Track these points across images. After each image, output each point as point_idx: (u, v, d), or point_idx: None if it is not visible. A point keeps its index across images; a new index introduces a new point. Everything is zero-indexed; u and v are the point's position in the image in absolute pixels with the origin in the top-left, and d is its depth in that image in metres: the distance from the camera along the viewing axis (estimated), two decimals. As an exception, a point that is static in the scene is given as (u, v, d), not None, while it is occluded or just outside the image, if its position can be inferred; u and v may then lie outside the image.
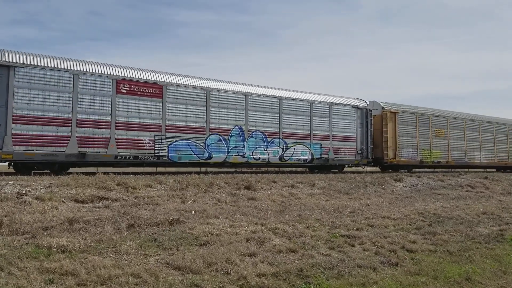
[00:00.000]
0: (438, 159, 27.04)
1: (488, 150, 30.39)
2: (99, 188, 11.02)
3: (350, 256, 7.73)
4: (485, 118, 31.11)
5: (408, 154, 25.37)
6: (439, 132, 27.32)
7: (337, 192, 14.83)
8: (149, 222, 8.33)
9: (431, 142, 26.74)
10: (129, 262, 6.26)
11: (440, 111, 28.31)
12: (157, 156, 17.04)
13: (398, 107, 25.47)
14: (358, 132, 23.29)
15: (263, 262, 6.94)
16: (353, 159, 23.04)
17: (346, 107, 22.98)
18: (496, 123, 31.40)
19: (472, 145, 29.34)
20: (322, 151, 21.75)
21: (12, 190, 9.98)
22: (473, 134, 29.50)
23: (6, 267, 5.50)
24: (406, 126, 25.54)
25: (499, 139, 31.38)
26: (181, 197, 11.27)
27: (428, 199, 15.17)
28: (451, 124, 28.17)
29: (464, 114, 29.99)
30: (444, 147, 27.52)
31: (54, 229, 7.33)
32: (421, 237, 9.55)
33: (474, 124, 29.78)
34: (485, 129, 30.44)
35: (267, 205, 11.41)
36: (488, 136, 30.55)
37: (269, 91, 20.37)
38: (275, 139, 20.27)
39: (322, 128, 21.89)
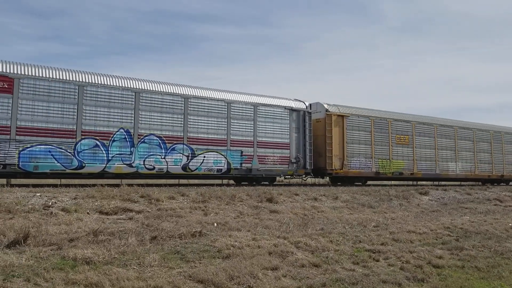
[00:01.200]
0: (400, 170, 23.62)
1: (466, 161, 27.06)
2: (123, 200, 11.16)
3: (375, 271, 7.59)
4: (463, 124, 27.92)
5: (360, 164, 22.05)
6: (402, 139, 24.03)
7: (361, 206, 14.65)
8: (172, 234, 8.37)
9: (391, 151, 23.37)
10: (152, 275, 6.29)
11: (403, 115, 25.03)
12: (2, 165, 13.88)
13: (347, 109, 22.35)
14: (293, 137, 20.10)
15: (285, 276, 6.88)
16: (286, 169, 19.71)
17: (277, 108, 19.79)
18: (476, 130, 28.11)
19: (446, 154, 26.02)
20: (243, 160, 18.51)
21: (39, 201, 10.18)
22: (446, 141, 26.22)
23: (33, 278, 5.59)
24: (358, 131, 22.30)
25: (481, 147, 28.09)
26: (203, 209, 11.31)
27: (455, 213, 14.84)
28: (417, 130, 24.84)
29: (435, 118, 26.78)
30: (409, 157, 24.15)
31: (79, 241, 7.43)
32: (448, 252, 9.32)
33: (448, 130, 26.49)
34: (462, 136, 27.16)
35: (289, 218, 11.35)
36: (466, 144, 27.28)
37: (169, 88, 17.32)
38: (177, 145, 17.08)
39: (243, 132, 18.70)
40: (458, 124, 27.43)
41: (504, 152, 29.37)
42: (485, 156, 28.20)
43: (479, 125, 28.87)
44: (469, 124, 28.17)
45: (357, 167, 21.92)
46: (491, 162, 28.43)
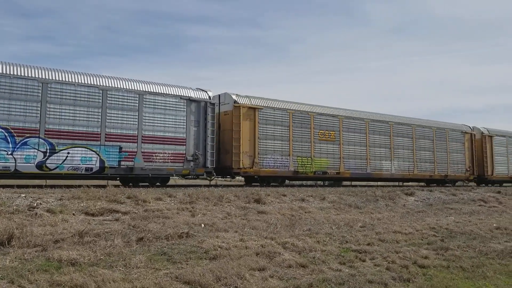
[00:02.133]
0: (324, 169, 21.30)
1: (404, 159, 24.89)
2: (110, 201, 11.07)
3: (361, 272, 7.63)
4: (401, 120, 25.64)
5: (275, 162, 19.74)
6: (327, 135, 21.68)
7: (348, 206, 14.73)
8: (158, 236, 8.33)
9: (312, 148, 21.03)
10: (138, 276, 6.25)
11: (329, 109, 22.52)
12: None
13: (260, 101, 20.01)
14: (190, 132, 17.57)
15: (273, 277, 6.89)
16: (180, 168, 17.18)
17: (170, 98, 17.12)
18: (416, 126, 25.93)
19: (379, 152, 23.73)
20: (122, 157, 15.86)
21: (24, 202, 10.05)
22: (380, 138, 23.96)
23: (17, 279, 5.52)
24: (273, 126, 19.94)
25: (422, 145, 25.94)
26: (190, 210, 11.27)
27: (440, 214, 14.99)
28: (345, 126, 22.50)
29: (367, 113, 24.33)
30: (334, 154, 21.84)
31: (65, 242, 7.36)
32: (433, 252, 9.41)
33: (381, 126, 24.13)
34: (400, 133, 24.94)
35: (277, 219, 11.36)
36: (404, 141, 25.10)
37: (23, 71, 14.42)
38: (31, 139, 14.33)
39: (124, 125, 15.95)
40: (394, 119, 25.15)
41: (449, 150, 27.49)
42: (426, 154, 26.15)
43: (420, 121, 26.83)
44: (408, 120, 26.06)
45: (271, 166, 19.64)
46: (433, 161, 26.45)
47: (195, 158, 17.57)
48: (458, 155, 27.97)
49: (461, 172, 27.97)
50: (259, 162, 19.26)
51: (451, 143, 27.66)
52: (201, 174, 18.00)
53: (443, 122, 28.50)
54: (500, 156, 30.20)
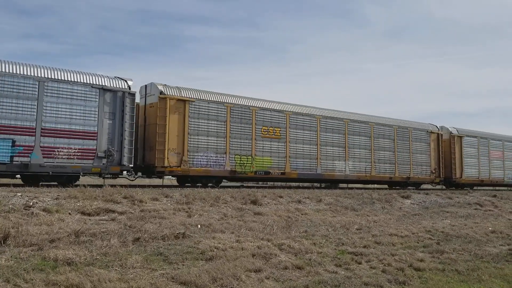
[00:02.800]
0: (266, 169, 19.47)
1: (360, 159, 23.06)
2: (106, 201, 11.05)
3: (357, 274, 7.65)
4: (358, 117, 23.73)
5: (209, 160, 18.06)
6: (271, 132, 19.88)
7: (344, 208, 14.75)
8: (155, 236, 8.31)
9: (254, 145, 19.23)
10: (134, 276, 6.24)
11: (275, 104, 20.65)
12: None
13: (192, 93, 18.17)
14: (104, 125, 15.55)
15: (268, 278, 6.89)
16: (89, 166, 15.26)
17: (78, 86, 15.12)
18: (375, 124, 24.09)
19: (332, 151, 21.94)
20: (15, 152, 13.91)
21: (20, 201, 10.03)
22: (334, 137, 22.17)
23: (12, 279, 5.50)
24: (207, 120, 18.22)
25: (381, 145, 24.09)
26: (187, 211, 11.27)
27: (436, 217, 15.03)
28: (293, 122, 20.74)
29: (319, 109, 22.38)
30: (280, 153, 20.08)
31: (61, 241, 7.34)
32: (429, 255, 9.44)
33: (335, 124, 22.35)
34: (356, 131, 23.15)
35: (273, 220, 11.37)
36: (361, 140, 23.27)
37: None
38: None
39: (18, 115, 14.05)
40: (350, 116, 23.28)
41: (412, 150, 25.62)
42: (386, 155, 24.23)
43: (380, 119, 24.82)
44: (366, 117, 24.16)
45: (204, 165, 17.87)
46: (394, 162, 24.55)
47: (109, 154, 15.52)
48: (423, 156, 26.20)
49: (426, 174, 26.15)
50: (188, 161, 17.49)
51: (415, 143, 25.90)
52: (117, 172, 16.03)
53: (406, 120, 26.65)
54: (471, 158, 28.75)
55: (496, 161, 30.40)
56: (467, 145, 28.63)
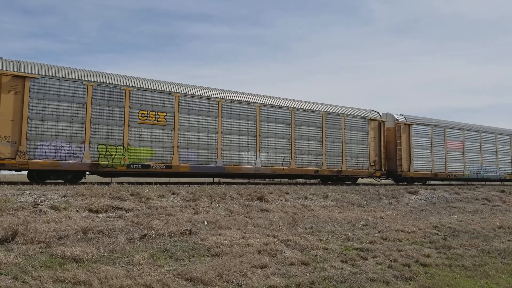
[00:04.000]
0: (145, 162, 16.50)
1: (276, 150, 19.95)
2: (113, 198, 11.14)
3: (363, 270, 7.65)
4: (273, 101, 20.48)
5: (58, 151, 14.93)
6: (153, 117, 16.87)
7: (351, 205, 14.74)
8: (161, 233, 8.37)
9: (127, 133, 16.17)
10: (141, 273, 6.29)
11: (159, 84, 17.38)
12: None
13: (36, 67, 15.00)
14: None
15: (274, 274, 6.91)
16: None
17: None
18: (297, 110, 20.88)
19: (238, 141, 18.84)
20: None
21: (28, 199, 10.13)
22: (241, 124, 19.04)
23: (20, 276, 5.57)
24: (57, 102, 15.07)
25: (305, 133, 21.00)
26: (194, 207, 11.32)
27: (443, 212, 14.97)
28: (184, 106, 17.64)
29: (224, 91, 19.15)
30: (165, 142, 17.03)
31: (68, 239, 7.41)
32: (436, 251, 9.41)
33: (243, 109, 19.20)
34: (271, 117, 20.03)
35: (279, 216, 11.40)
36: (279, 128, 20.16)
37: None
38: None
39: None
40: (263, 100, 20.15)
41: (345, 140, 22.48)
42: (311, 145, 21.14)
43: (304, 104, 21.63)
44: (285, 102, 20.96)
45: (52, 156, 14.82)
46: (322, 153, 21.41)
47: None
48: (359, 147, 22.95)
49: (363, 167, 22.95)
50: (28, 151, 14.43)
51: (349, 132, 22.67)
52: None
53: (339, 106, 23.24)
54: (421, 148, 25.61)
55: (454, 153, 27.26)
56: (417, 134, 25.54)
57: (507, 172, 30.06)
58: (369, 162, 23.21)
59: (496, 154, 29.65)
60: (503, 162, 29.99)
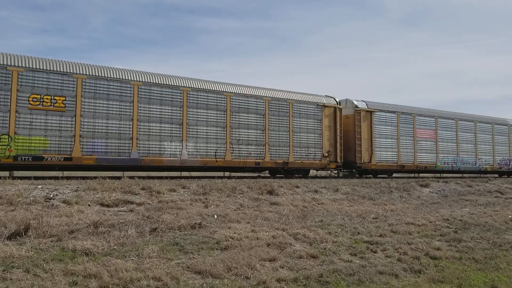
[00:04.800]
0: (37, 153, 14.61)
1: (208, 140, 17.91)
2: (124, 192, 11.24)
3: (372, 263, 7.65)
4: (207, 86, 18.25)
5: None
6: (49, 102, 14.95)
7: (361, 198, 14.70)
8: (171, 226, 8.44)
9: (13, 120, 14.30)
10: (150, 266, 6.36)
11: (53, 62, 15.44)
12: None
13: None
14: None
15: (283, 267, 6.95)
16: None
17: None
18: (233, 95, 18.77)
19: (159, 129, 16.82)
20: None
21: (41, 193, 10.27)
22: (163, 110, 17.03)
23: (32, 269, 5.67)
24: None
25: (243, 121, 18.85)
26: (204, 201, 11.39)
27: (455, 205, 14.87)
28: (90, 90, 15.68)
29: (143, 74, 17.12)
30: (63, 131, 15.08)
31: (80, 232, 7.52)
32: (446, 244, 9.36)
33: (166, 93, 17.17)
34: (201, 103, 17.93)
35: (289, 210, 11.42)
36: (211, 115, 18.11)
37: None
38: None
39: None
40: (190, 84, 17.98)
41: (293, 129, 20.31)
42: (251, 134, 19.03)
43: (242, 88, 19.36)
44: (219, 86, 18.67)
45: None
46: (264, 143, 19.32)
47: None
48: (310, 136, 20.80)
49: (315, 159, 20.82)
50: None
51: (298, 120, 20.50)
52: None
53: (288, 91, 20.96)
54: (386, 138, 23.41)
55: (425, 142, 25.06)
56: (381, 122, 23.35)
57: (488, 164, 27.91)
58: (322, 153, 21.05)
59: (476, 144, 27.50)
60: (484, 153, 27.82)
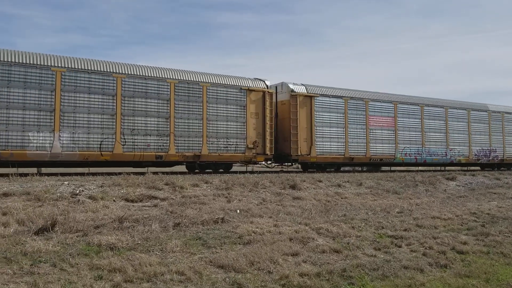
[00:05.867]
0: None
1: (90, 130, 15.20)
2: (148, 188, 11.37)
3: (396, 257, 7.55)
4: (89, 65, 15.44)
5: None
6: None
7: (386, 192, 14.52)
8: (194, 221, 8.51)
9: None
10: (174, 260, 6.43)
11: None
12: None
13: None
14: None
15: (306, 262, 6.92)
16: None
17: None
18: (127, 77, 15.93)
19: (21, 118, 14.16)
20: None
21: (67, 189, 10.48)
22: (26, 95, 14.26)
23: (58, 263, 5.79)
24: None
25: (139, 107, 16.04)
26: (226, 196, 11.43)
27: (482, 199, 14.54)
28: None
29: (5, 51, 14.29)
30: None
31: (105, 227, 7.64)
32: (473, 238, 9.17)
33: (30, 74, 14.35)
34: (82, 87, 15.15)
35: (312, 204, 11.36)
36: (96, 101, 15.35)
37: None
38: None
39: None
40: (68, 63, 15.14)
41: (208, 117, 17.27)
42: (150, 122, 16.25)
43: (140, 69, 16.41)
44: (107, 66, 15.80)
45: None
46: (168, 133, 16.51)
47: None
48: (231, 125, 17.80)
49: (238, 151, 17.85)
50: None
51: (215, 106, 17.52)
52: None
53: (202, 73, 17.78)
54: (330, 126, 20.27)
55: (381, 131, 21.84)
56: (324, 109, 20.20)
57: (463, 155, 24.69)
58: (246, 144, 17.99)
59: (447, 132, 24.13)
60: (457, 143, 24.52)
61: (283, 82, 20.01)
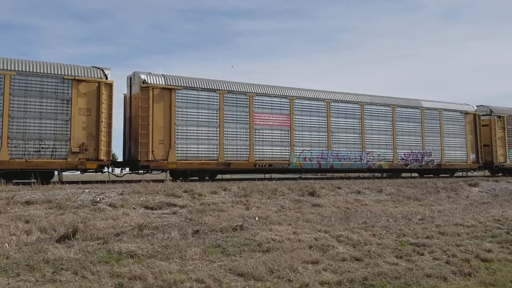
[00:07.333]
0: None
1: None
2: (168, 195, 11.42)
3: (419, 265, 7.41)
4: None
5: None
6: None
7: (406, 198, 14.31)
8: (213, 228, 8.50)
9: None
10: (193, 268, 6.42)
11: None
12: None
13: None
14: None
15: (326, 270, 6.84)
16: None
17: None
18: None
19: None
20: None
21: (88, 197, 10.59)
22: None
23: (80, 271, 5.84)
24: None
25: None
26: (245, 203, 11.40)
27: (507, 205, 14.21)
28: None
29: None
30: None
31: (125, 235, 7.68)
32: (498, 245, 8.96)
33: None
34: None
35: (331, 211, 11.26)
36: None
37: None
38: None
39: None
40: None
41: (10, 113, 13.84)
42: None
43: None
44: None
45: None
46: None
47: None
48: (49, 124, 14.37)
49: (57, 156, 14.43)
50: None
51: (25, 100, 14.10)
52: None
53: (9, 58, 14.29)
54: (198, 126, 16.92)
55: (271, 132, 18.34)
56: (189, 105, 16.93)
57: (386, 159, 20.99)
58: (70, 148, 14.59)
59: (362, 133, 20.47)
60: (377, 145, 20.84)
61: (135, 72, 16.72)
